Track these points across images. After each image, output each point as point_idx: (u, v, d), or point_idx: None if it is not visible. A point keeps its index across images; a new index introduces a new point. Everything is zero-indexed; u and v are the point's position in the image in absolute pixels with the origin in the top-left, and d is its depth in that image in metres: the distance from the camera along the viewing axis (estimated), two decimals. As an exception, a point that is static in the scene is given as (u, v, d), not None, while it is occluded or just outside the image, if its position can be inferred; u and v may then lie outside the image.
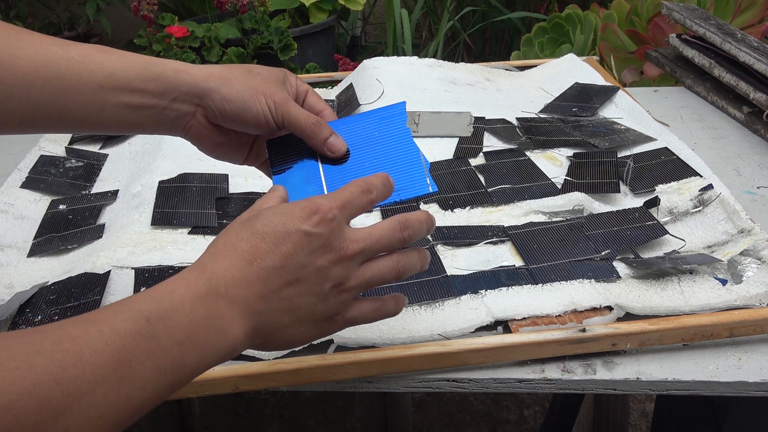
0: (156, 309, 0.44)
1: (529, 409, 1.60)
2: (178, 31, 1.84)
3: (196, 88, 0.59)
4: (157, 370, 0.42)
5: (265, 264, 0.47)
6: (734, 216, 0.78)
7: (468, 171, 0.90)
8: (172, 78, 0.59)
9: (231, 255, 0.48)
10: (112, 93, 0.57)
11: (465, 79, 1.19)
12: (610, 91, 1.10)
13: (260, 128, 0.60)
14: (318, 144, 0.60)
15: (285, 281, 0.48)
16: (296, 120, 0.60)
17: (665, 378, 0.63)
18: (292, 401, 1.63)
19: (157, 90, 0.58)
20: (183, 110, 0.60)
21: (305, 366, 0.61)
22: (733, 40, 1.09)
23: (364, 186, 0.53)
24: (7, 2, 2.24)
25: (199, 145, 0.64)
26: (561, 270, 0.72)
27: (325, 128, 0.60)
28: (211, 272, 0.47)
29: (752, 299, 0.67)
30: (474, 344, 0.63)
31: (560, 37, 1.78)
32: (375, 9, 2.50)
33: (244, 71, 0.60)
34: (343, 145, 0.61)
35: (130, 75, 0.58)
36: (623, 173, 0.89)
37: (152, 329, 0.42)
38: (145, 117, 0.59)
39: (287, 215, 0.49)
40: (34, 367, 0.37)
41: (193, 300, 0.45)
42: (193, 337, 0.44)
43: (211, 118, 0.61)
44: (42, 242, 0.82)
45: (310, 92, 0.64)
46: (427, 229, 0.54)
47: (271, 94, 0.59)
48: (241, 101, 0.59)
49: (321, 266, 0.49)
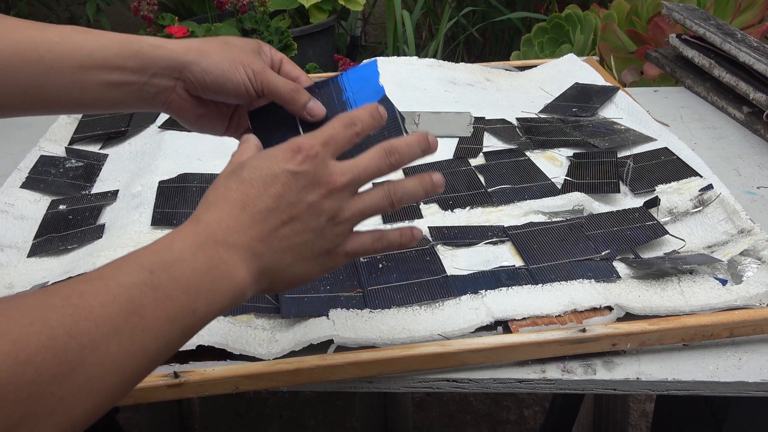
0: (157, 261, 0.45)
1: (529, 409, 1.60)
2: (178, 31, 1.84)
3: (175, 62, 0.60)
4: (167, 318, 0.43)
5: (257, 208, 0.49)
6: (734, 216, 0.78)
7: (468, 171, 0.90)
8: (151, 54, 0.60)
9: (223, 205, 0.49)
10: (92, 72, 0.59)
11: (465, 79, 1.19)
12: (610, 91, 1.10)
13: (240, 98, 0.62)
14: (298, 109, 0.62)
15: (280, 221, 0.49)
16: (276, 87, 0.61)
17: (665, 378, 0.63)
18: (292, 401, 1.63)
19: (137, 66, 0.60)
20: (163, 85, 0.61)
21: (305, 366, 0.61)
22: (733, 40, 1.09)
23: (347, 119, 0.53)
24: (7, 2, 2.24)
25: (180, 118, 0.65)
26: (561, 270, 0.72)
27: (303, 94, 0.62)
28: (206, 223, 0.48)
29: (752, 299, 0.67)
30: (474, 344, 0.63)
31: (560, 37, 1.78)
32: (375, 9, 2.50)
33: (220, 43, 0.62)
34: (322, 109, 0.62)
35: (108, 53, 0.59)
36: (623, 173, 0.89)
37: (156, 280, 0.43)
38: (126, 94, 0.61)
39: (271, 159, 0.50)
40: (48, 322, 0.38)
41: (194, 249, 0.46)
42: (199, 284, 0.45)
43: (192, 90, 0.62)
44: (42, 242, 0.82)
45: (284, 60, 0.66)
46: (421, 150, 0.54)
47: (249, 64, 0.61)
48: (220, 72, 0.60)
49: (312, 202, 0.50)
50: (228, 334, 0.64)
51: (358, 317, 0.66)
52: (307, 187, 0.50)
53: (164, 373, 0.60)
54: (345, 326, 0.65)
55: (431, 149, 0.55)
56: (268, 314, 0.68)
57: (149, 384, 0.59)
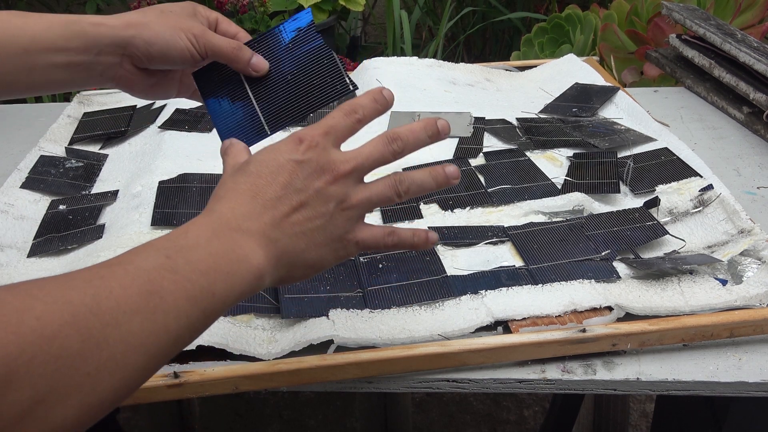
0: (174, 246, 0.45)
1: (529, 410, 1.60)
2: (178, 31, 1.84)
3: (118, 39, 0.62)
4: (187, 299, 0.43)
5: (267, 196, 0.50)
6: (734, 216, 0.78)
7: (468, 171, 0.90)
8: (93, 33, 0.62)
9: (233, 196, 0.50)
10: (37, 55, 0.61)
11: (465, 79, 1.19)
12: (610, 91, 1.10)
13: (186, 62, 0.64)
14: (242, 66, 0.64)
15: (290, 207, 0.50)
16: (218, 47, 0.64)
17: (665, 378, 0.63)
18: (292, 401, 1.63)
19: (81, 46, 0.62)
20: (109, 62, 0.63)
21: (305, 366, 0.61)
22: (733, 40, 1.09)
23: (348, 108, 0.54)
24: (7, 2, 2.24)
25: (131, 90, 0.67)
26: (561, 270, 0.72)
27: (246, 50, 0.64)
28: (219, 212, 0.49)
29: (752, 299, 0.67)
30: (474, 344, 0.63)
31: (560, 38, 1.78)
32: (375, 9, 2.50)
33: (157, 12, 0.64)
34: (265, 63, 0.65)
35: (52, 36, 0.61)
36: (623, 173, 0.89)
37: (173, 263, 0.44)
38: (73, 74, 0.63)
39: (275, 152, 0.51)
40: (70, 300, 0.38)
41: (209, 236, 0.47)
42: (216, 267, 0.46)
43: (138, 63, 0.64)
44: (42, 242, 0.82)
45: (220, 18, 0.68)
46: (428, 136, 0.55)
47: (189, 28, 0.63)
48: (163, 41, 0.62)
49: (319, 188, 0.51)
50: (228, 334, 0.64)
51: (358, 317, 0.66)
52: (312, 174, 0.51)
53: (164, 373, 0.60)
54: (345, 326, 0.65)
55: (440, 134, 0.55)
56: (268, 314, 0.68)
57: (149, 384, 0.59)
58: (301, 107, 0.63)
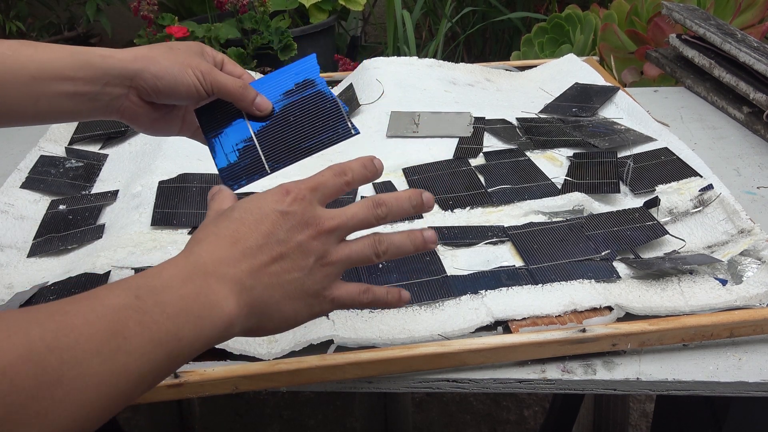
0: (145, 286, 0.45)
1: (529, 410, 1.60)
2: (178, 31, 1.84)
3: (126, 71, 0.62)
4: (151, 341, 0.43)
5: (248, 244, 0.49)
6: (734, 216, 0.78)
7: (468, 171, 0.90)
8: (101, 64, 0.62)
9: (213, 240, 0.50)
10: (45, 83, 0.60)
11: (465, 79, 1.19)
12: (610, 91, 1.10)
13: (192, 98, 0.65)
14: (246, 105, 0.65)
15: (270, 257, 0.50)
16: (224, 86, 0.64)
17: (665, 378, 0.63)
18: (292, 401, 1.63)
19: (89, 77, 0.62)
20: (115, 93, 0.63)
21: (305, 366, 0.61)
22: (733, 40, 1.09)
23: (338, 169, 0.54)
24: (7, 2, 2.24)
25: (135, 124, 0.67)
26: (561, 270, 0.72)
27: (251, 90, 0.65)
28: (197, 255, 0.49)
29: (752, 299, 0.67)
30: (474, 344, 0.63)
31: (560, 38, 1.78)
32: (375, 9, 2.50)
33: (165, 49, 0.64)
34: (269, 103, 0.66)
35: (60, 65, 0.61)
36: (623, 173, 0.89)
37: (142, 304, 0.43)
38: (80, 104, 0.63)
39: (261, 200, 0.51)
40: (29, 335, 0.38)
41: (182, 278, 0.47)
42: (186, 311, 0.45)
43: (145, 96, 0.64)
44: (42, 242, 0.82)
45: (226, 60, 0.69)
46: (411, 206, 0.55)
47: (197, 65, 0.64)
48: (171, 76, 0.63)
49: (301, 241, 0.51)
50: (228, 334, 0.64)
51: (358, 317, 0.66)
52: (296, 226, 0.51)
53: (164, 373, 0.60)
54: (345, 326, 0.65)
55: (424, 206, 0.56)
56: (268, 314, 0.68)
57: (149, 384, 0.59)
58: (302, 148, 0.64)
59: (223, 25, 1.92)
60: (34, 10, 2.34)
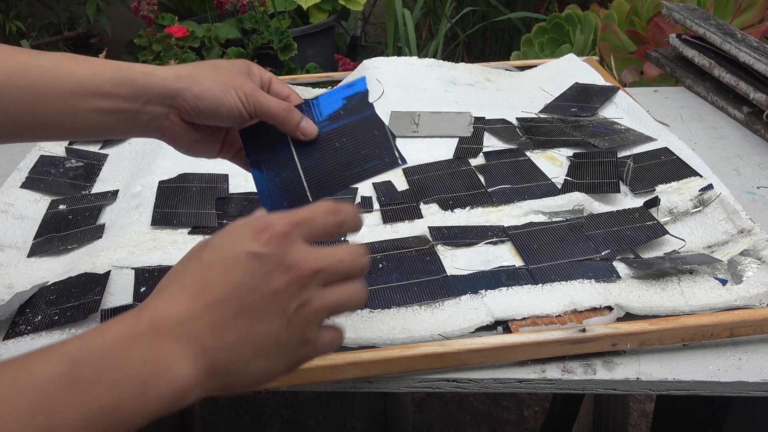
0: (85, 349, 0.40)
1: (529, 409, 1.60)
2: (178, 31, 1.84)
3: (167, 90, 0.60)
4: (84, 417, 0.38)
5: (214, 296, 0.43)
6: (734, 216, 0.78)
7: (468, 171, 0.90)
8: (142, 81, 0.60)
9: (176, 291, 0.44)
10: (84, 98, 0.58)
11: (465, 79, 1.19)
12: (610, 91, 1.10)
13: (234, 120, 0.62)
14: (291, 129, 0.63)
15: (237, 309, 0.44)
16: (268, 108, 0.62)
17: (665, 378, 0.63)
18: (292, 401, 1.63)
19: (129, 94, 0.60)
20: (156, 112, 0.61)
21: (305, 366, 0.61)
22: (733, 40, 1.09)
23: (333, 207, 0.48)
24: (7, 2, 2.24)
25: (175, 144, 0.65)
26: (561, 270, 0.72)
27: (296, 113, 0.63)
28: (152, 309, 0.43)
29: (752, 299, 0.67)
30: (474, 344, 0.62)
31: (560, 37, 1.78)
32: (375, 9, 2.50)
33: (210, 67, 0.62)
34: (314, 127, 0.63)
35: (100, 80, 0.59)
36: (623, 173, 0.89)
37: (77, 373, 0.39)
38: (118, 120, 0.60)
39: (235, 237, 0.45)
40: None
41: (130, 339, 0.41)
42: (129, 380, 0.40)
43: (185, 116, 0.62)
44: (42, 242, 0.82)
45: (273, 80, 0.66)
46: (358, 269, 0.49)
47: (240, 86, 0.61)
48: (213, 97, 0.60)
49: (277, 289, 0.44)
50: (228, 334, 0.64)
51: (358, 317, 0.66)
52: (271, 272, 0.44)
53: (164, 373, 0.60)
54: (345, 326, 0.65)
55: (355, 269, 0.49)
56: (268, 314, 0.68)
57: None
58: (346, 176, 0.61)
59: (223, 25, 1.92)
60: (34, 10, 2.34)
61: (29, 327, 0.66)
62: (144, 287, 0.71)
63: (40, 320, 0.67)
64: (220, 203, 0.85)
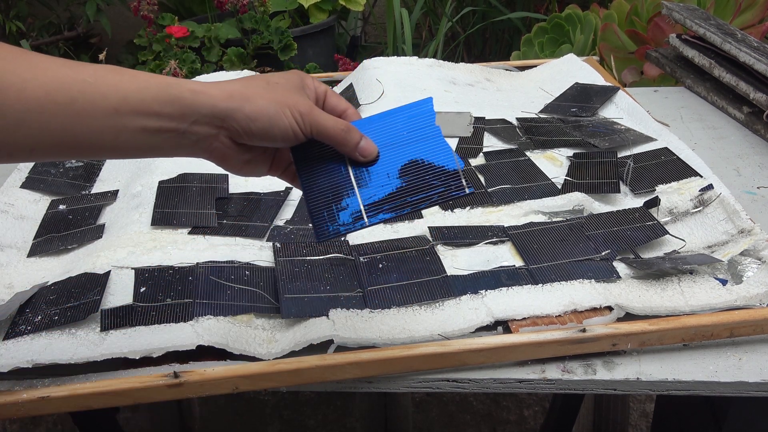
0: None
1: (529, 409, 1.60)
2: (178, 31, 1.84)
3: (217, 110, 0.56)
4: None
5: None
6: (734, 216, 0.78)
7: (468, 171, 0.90)
8: (191, 100, 0.56)
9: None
10: (128, 117, 0.55)
11: (465, 79, 1.19)
12: (610, 91, 1.10)
13: (288, 141, 0.59)
14: (350, 150, 0.59)
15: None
16: (325, 129, 0.58)
17: (665, 378, 0.63)
18: (292, 401, 1.63)
19: (176, 113, 0.56)
20: (204, 133, 0.57)
21: (305, 366, 0.61)
22: (733, 40, 1.09)
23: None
24: (7, 2, 2.24)
25: (224, 165, 0.61)
26: (561, 270, 0.72)
27: (355, 133, 0.59)
28: None
29: (752, 299, 0.67)
30: (474, 344, 0.62)
31: (560, 37, 1.78)
32: (375, 9, 2.50)
33: (263, 84, 0.59)
34: (375, 147, 0.60)
35: (146, 97, 0.55)
36: (623, 173, 0.89)
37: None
38: (163, 140, 0.57)
39: None
40: None
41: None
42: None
43: (237, 138, 0.58)
44: (42, 242, 0.82)
45: (329, 92, 0.63)
46: None
47: (295, 105, 0.58)
48: (266, 118, 0.57)
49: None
50: (228, 334, 0.64)
51: (358, 317, 0.66)
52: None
53: (164, 373, 0.60)
54: (345, 326, 0.65)
55: None
56: (268, 314, 0.68)
57: (149, 384, 0.59)
58: (407, 202, 0.58)
59: (223, 25, 1.92)
60: (34, 10, 2.34)
61: (29, 327, 0.66)
62: (144, 287, 0.71)
63: (40, 320, 0.67)
64: (220, 203, 0.85)
